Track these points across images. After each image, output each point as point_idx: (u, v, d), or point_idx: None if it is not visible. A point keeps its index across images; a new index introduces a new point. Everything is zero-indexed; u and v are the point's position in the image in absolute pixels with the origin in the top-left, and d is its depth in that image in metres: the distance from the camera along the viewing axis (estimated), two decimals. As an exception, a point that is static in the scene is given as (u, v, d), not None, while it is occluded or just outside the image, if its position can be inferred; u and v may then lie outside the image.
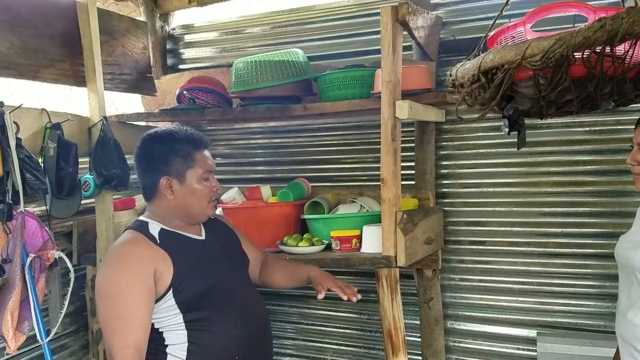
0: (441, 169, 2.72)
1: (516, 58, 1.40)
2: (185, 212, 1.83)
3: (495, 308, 2.67)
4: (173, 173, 1.79)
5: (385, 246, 2.09)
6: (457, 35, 2.53)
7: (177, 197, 1.80)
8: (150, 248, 1.73)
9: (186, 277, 1.72)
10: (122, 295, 1.64)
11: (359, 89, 2.36)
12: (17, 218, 2.08)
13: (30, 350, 2.42)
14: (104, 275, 1.70)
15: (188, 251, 1.80)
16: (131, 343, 1.61)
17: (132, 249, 1.73)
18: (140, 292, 1.65)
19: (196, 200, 1.82)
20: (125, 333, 1.61)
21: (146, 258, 1.70)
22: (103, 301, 1.68)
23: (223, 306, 1.77)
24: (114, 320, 1.64)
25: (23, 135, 2.16)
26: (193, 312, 1.72)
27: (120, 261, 1.71)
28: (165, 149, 1.81)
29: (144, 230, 1.77)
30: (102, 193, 2.51)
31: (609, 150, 2.44)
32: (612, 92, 1.50)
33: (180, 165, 1.80)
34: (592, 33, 1.29)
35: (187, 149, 1.81)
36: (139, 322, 1.64)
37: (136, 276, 1.66)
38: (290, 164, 3.05)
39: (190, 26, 3.25)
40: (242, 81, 2.50)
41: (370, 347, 2.94)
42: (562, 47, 1.32)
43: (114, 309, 1.64)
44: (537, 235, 2.57)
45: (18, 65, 2.30)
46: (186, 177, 1.80)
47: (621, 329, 1.73)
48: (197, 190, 1.81)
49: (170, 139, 1.83)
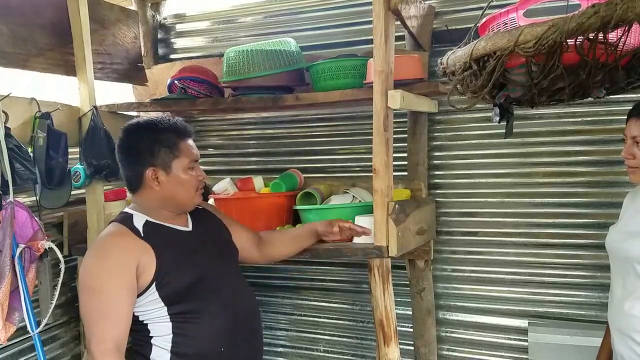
0: (434, 159, 2.71)
1: (509, 44, 1.39)
2: (173, 202, 1.81)
3: (487, 298, 2.68)
4: (159, 164, 1.78)
5: (377, 236, 2.09)
6: (450, 25, 2.51)
7: (164, 187, 1.79)
8: (133, 241, 1.71)
9: (170, 271, 1.71)
10: (103, 288, 1.64)
11: (351, 79, 2.35)
12: (7, 208, 2.06)
13: (20, 341, 2.41)
14: (86, 268, 1.70)
15: (173, 244, 1.78)
16: (109, 337, 1.61)
17: (115, 242, 1.72)
18: (121, 286, 1.65)
19: (183, 190, 1.80)
20: (104, 327, 1.62)
21: (129, 251, 1.69)
22: (84, 293, 1.69)
23: (208, 298, 1.76)
24: (93, 312, 1.64)
25: (12, 124, 2.14)
26: (177, 305, 1.72)
27: (102, 254, 1.70)
28: (150, 140, 1.79)
29: (128, 223, 1.75)
30: (92, 183, 2.49)
31: (601, 141, 2.44)
32: (604, 80, 1.50)
33: (166, 155, 1.78)
34: (586, 19, 1.28)
35: (172, 139, 1.79)
36: (118, 315, 1.64)
37: (118, 269, 1.65)
38: (282, 154, 3.04)
39: (182, 15, 3.22)
40: (234, 71, 2.49)
41: (363, 338, 2.95)
42: (556, 33, 1.31)
43: (94, 302, 1.64)
44: (529, 225, 2.57)
45: (7, 54, 2.27)
46: (172, 168, 1.78)
47: (617, 321, 1.73)
48: (184, 180, 1.80)
49: (154, 129, 1.80)
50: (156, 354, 1.72)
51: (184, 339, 1.71)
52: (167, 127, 1.81)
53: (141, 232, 1.74)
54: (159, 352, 1.71)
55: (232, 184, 2.71)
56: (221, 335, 1.75)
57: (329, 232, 2.11)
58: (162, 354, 1.71)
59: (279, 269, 3.10)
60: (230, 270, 1.92)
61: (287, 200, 2.61)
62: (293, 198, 2.62)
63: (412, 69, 2.27)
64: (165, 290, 1.70)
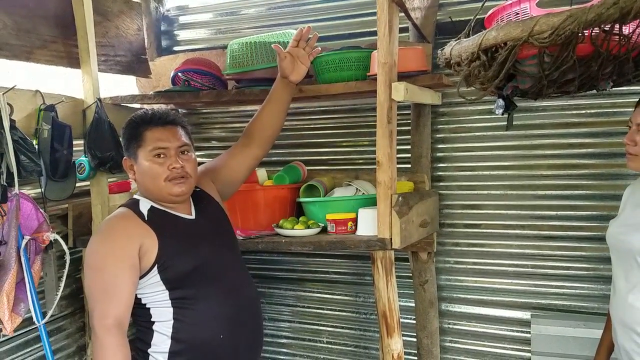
0: (437, 152, 2.72)
1: (522, 35, 1.37)
2: (149, 192, 1.83)
3: (489, 290, 2.69)
4: (130, 153, 1.84)
5: (380, 228, 2.09)
6: (454, 17, 2.51)
7: (137, 177, 1.84)
8: (137, 224, 1.75)
9: (171, 256, 1.73)
10: (106, 267, 1.69)
11: (354, 71, 2.34)
12: (12, 200, 2.07)
13: (26, 332, 2.42)
14: (91, 247, 1.76)
15: (175, 230, 1.80)
16: (111, 314, 1.65)
17: (119, 224, 1.77)
18: (125, 266, 1.68)
19: (150, 179, 1.79)
20: (106, 304, 1.66)
21: (133, 233, 1.72)
22: (89, 272, 1.75)
23: (209, 286, 1.78)
24: (97, 291, 1.69)
25: (17, 116, 2.14)
26: (179, 290, 1.73)
27: (107, 234, 1.76)
28: (124, 131, 1.87)
29: (134, 207, 1.80)
30: (97, 175, 2.50)
31: (604, 133, 2.44)
32: (613, 72, 1.49)
33: (132, 145, 1.82)
34: (605, 10, 1.27)
35: (138, 129, 1.82)
36: (120, 293, 1.67)
37: (121, 250, 1.69)
38: (285, 147, 3.04)
39: (185, 7, 3.22)
40: (237, 63, 2.48)
41: (366, 330, 2.96)
42: (574, 24, 1.30)
43: (98, 280, 1.69)
44: (532, 218, 2.58)
45: (11, 46, 2.27)
46: (138, 157, 1.81)
47: (620, 314, 1.72)
48: (147, 169, 1.79)
49: (128, 121, 1.86)
50: (157, 339, 1.74)
51: (183, 324, 1.73)
52: (137, 117, 1.85)
53: (145, 216, 1.78)
54: (160, 337, 1.74)
55: (235, 176, 2.71)
56: (221, 322, 1.76)
57: (285, 66, 2.05)
58: (162, 339, 1.73)
59: (283, 261, 3.12)
60: (232, 259, 1.92)
61: (290, 192, 2.61)
62: (296, 190, 2.63)
63: (416, 61, 2.26)
64: (167, 274, 1.72)
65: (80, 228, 2.59)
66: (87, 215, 2.58)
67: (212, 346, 1.75)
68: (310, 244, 2.24)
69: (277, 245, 2.33)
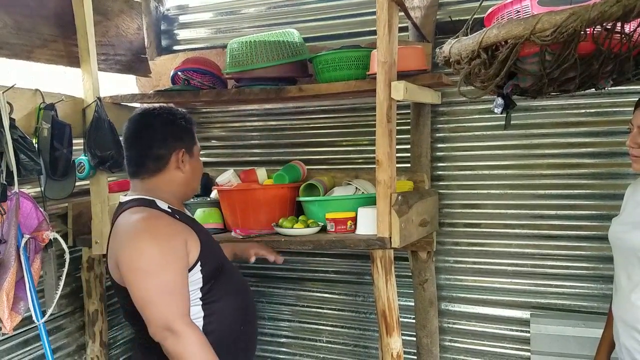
0: (436, 151, 2.72)
1: (524, 33, 1.37)
2: (188, 188, 1.85)
3: (489, 290, 2.69)
4: (186, 147, 1.80)
5: (380, 227, 2.10)
6: (454, 17, 2.51)
7: (186, 171, 1.80)
8: (174, 221, 1.72)
9: (207, 251, 1.75)
10: (168, 267, 1.63)
11: (354, 70, 2.35)
12: (12, 199, 2.06)
13: (26, 331, 2.42)
14: (140, 250, 1.64)
15: (199, 227, 1.84)
16: (186, 311, 1.64)
17: (160, 223, 1.70)
18: (180, 265, 1.66)
19: (197, 176, 1.87)
20: (180, 302, 1.63)
21: (175, 231, 1.70)
22: (145, 277, 1.63)
23: (230, 280, 1.83)
24: (161, 293, 1.61)
25: (17, 115, 2.13)
26: (208, 285, 1.75)
27: (156, 235, 1.66)
28: (178, 122, 1.81)
29: (155, 206, 1.74)
30: (96, 175, 2.50)
31: (604, 133, 2.44)
32: (613, 71, 1.49)
33: (191, 140, 1.83)
34: (609, 7, 1.27)
35: (190, 127, 1.85)
36: (185, 291, 1.66)
37: (173, 249, 1.65)
38: (285, 146, 3.04)
39: (185, 7, 3.22)
40: (237, 62, 2.49)
41: (365, 329, 2.97)
42: (576, 22, 1.29)
43: (160, 282, 1.61)
44: (532, 217, 2.58)
45: (11, 45, 2.27)
46: (194, 152, 1.84)
47: (622, 313, 1.72)
48: (199, 167, 1.88)
49: (177, 113, 1.84)
50: None
51: (213, 317, 1.74)
52: (186, 114, 1.87)
53: (173, 214, 1.75)
54: None
55: (235, 176, 2.71)
56: (241, 314, 1.81)
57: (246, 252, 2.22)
58: None
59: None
60: None
61: (290, 191, 2.61)
62: (296, 190, 2.63)
63: (416, 60, 2.26)
64: (206, 269, 1.73)
65: (80, 227, 2.60)
66: (86, 214, 2.58)
67: (234, 337, 1.80)
68: (309, 243, 2.25)
69: (276, 244, 2.32)
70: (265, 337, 3.19)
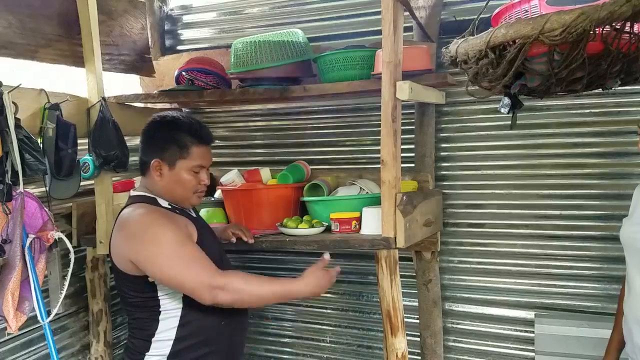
0: (441, 151, 2.71)
1: (533, 32, 1.36)
2: (171, 195, 1.95)
3: (493, 290, 2.69)
4: (165, 158, 1.92)
5: (384, 227, 2.09)
6: (458, 16, 2.51)
7: (164, 180, 1.93)
8: (172, 214, 1.89)
9: (204, 242, 1.89)
10: (181, 243, 1.77)
11: (359, 70, 2.35)
12: (17, 199, 2.07)
13: (31, 330, 2.42)
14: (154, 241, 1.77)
15: (198, 221, 1.98)
16: (214, 268, 1.77)
17: (160, 214, 1.85)
18: (190, 239, 1.83)
19: (181, 188, 1.94)
20: (204, 266, 1.75)
21: (175, 216, 1.87)
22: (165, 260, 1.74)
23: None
24: (187, 267, 1.73)
25: (22, 115, 2.13)
26: None
27: (160, 223, 1.81)
28: (166, 135, 1.93)
29: (155, 203, 1.91)
30: (101, 174, 2.49)
31: (609, 133, 2.43)
32: (621, 71, 1.48)
33: (174, 153, 1.92)
34: (618, 7, 1.26)
35: (186, 141, 1.92)
36: (202, 254, 1.78)
37: (180, 228, 1.82)
38: (289, 146, 3.04)
39: (189, 7, 3.22)
40: (241, 62, 2.48)
41: (369, 329, 2.96)
42: (585, 22, 1.29)
43: (181, 259, 1.74)
44: (536, 217, 2.57)
45: (16, 45, 2.27)
46: (176, 166, 1.92)
47: (637, 313, 1.71)
48: (183, 180, 1.94)
49: (173, 127, 1.94)
50: (163, 327, 1.84)
51: (192, 311, 1.84)
52: (187, 128, 1.94)
53: (173, 210, 1.91)
54: (165, 325, 1.83)
55: (239, 175, 2.72)
56: (220, 310, 1.83)
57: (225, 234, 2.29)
58: (168, 326, 1.83)
59: (286, 260, 3.11)
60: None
61: (294, 191, 2.61)
62: (300, 190, 2.63)
63: (421, 60, 2.26)
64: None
65: (85, 227, 2.60)
66: (91, 214, 2.58)
67: (215, 331, 1.88)
68: (314, 243, 2.25)
69: (281, 244, 2.33)
70: (269, 337, 3.19)
